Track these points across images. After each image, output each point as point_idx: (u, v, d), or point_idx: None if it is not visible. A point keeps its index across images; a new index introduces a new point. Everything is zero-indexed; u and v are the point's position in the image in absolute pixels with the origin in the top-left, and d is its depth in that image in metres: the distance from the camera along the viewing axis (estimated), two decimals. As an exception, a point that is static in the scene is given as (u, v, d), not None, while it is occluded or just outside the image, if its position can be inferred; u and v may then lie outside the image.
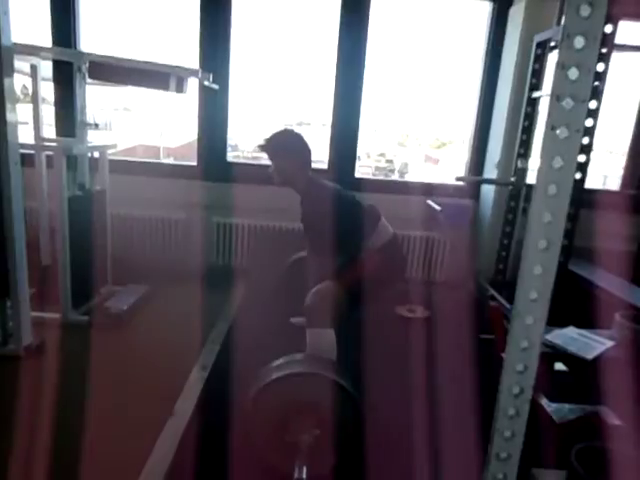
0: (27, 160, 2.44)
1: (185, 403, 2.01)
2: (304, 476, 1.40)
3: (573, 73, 0.72)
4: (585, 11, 0.70)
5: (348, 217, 2.04)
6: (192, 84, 2.85)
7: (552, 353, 1.88)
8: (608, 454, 1.57)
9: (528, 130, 3.15)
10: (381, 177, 4.28)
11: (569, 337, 1.97)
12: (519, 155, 3.17)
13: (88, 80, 2.74)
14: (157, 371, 2.26)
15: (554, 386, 1.92)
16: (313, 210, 2.12)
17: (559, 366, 2.00)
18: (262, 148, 2.18)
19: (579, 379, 2.02)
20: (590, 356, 1.83)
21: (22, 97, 3.52)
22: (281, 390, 1.55)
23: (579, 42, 0.71)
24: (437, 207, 3.37)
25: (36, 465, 1.58)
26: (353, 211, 2.12)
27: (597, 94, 2.51)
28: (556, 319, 1.53)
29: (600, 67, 2.49)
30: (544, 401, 1.94)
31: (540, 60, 3.04)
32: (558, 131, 0.73)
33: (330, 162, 3.65)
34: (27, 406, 1.86)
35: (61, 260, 2.58)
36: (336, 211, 1.96)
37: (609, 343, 1.91)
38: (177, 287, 3.30)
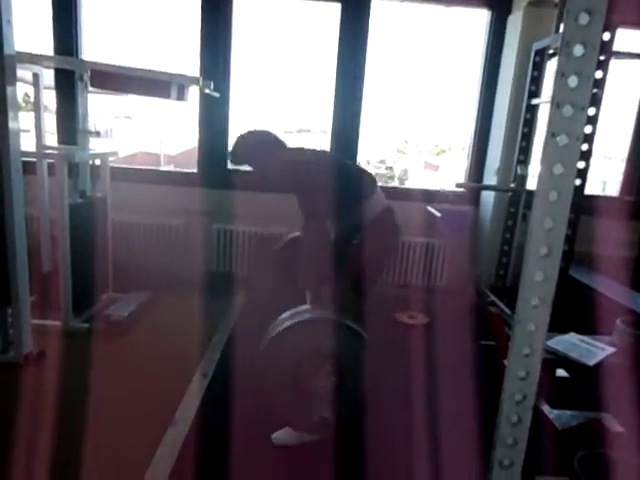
0: (29, 168, 2.44)
1: (186, 411, 2.01)
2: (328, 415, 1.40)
3: (572, 81, 0.72)
4: (584, 19, 0.70)
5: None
6: (193, 92, 2.87)
7: (553, 359, 1.87)
8: (611, 461, 1.57)
9: (527, 137, 3.16)
10: (381, 184, 4.27)
11: (570, 343, 1.96)
12: (519, 161, 3.18)
13: (90, 88, 2.76)
14: (158, 379, 2.25)
15: (556, 392, 1.92)
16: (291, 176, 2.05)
17: (561, 372, 1.99)
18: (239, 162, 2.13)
19: (581, 385, 2.02)
20: (591, 362, 1.82)
21: (24, 105, 3.53)
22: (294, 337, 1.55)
23: (578, 50, 0.71)
24: (437, 213, 3.38)
25: (36, 474, 1.57)
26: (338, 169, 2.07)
27: (596, 101, 2.52)
28: (557, 325, 1.52)
29: (599, 74, 2.51)
30: (546, 408, 1.93)
31: (539, 67, 3.05)
32: (558, 138, 0.73)
33: (330, 169, 3.65)
34: (27, 414, 1.85)
35: (62, 267, 2.58)
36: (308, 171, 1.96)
37: (610, 349, 1.90)
38: (178, 294, 3.29)
